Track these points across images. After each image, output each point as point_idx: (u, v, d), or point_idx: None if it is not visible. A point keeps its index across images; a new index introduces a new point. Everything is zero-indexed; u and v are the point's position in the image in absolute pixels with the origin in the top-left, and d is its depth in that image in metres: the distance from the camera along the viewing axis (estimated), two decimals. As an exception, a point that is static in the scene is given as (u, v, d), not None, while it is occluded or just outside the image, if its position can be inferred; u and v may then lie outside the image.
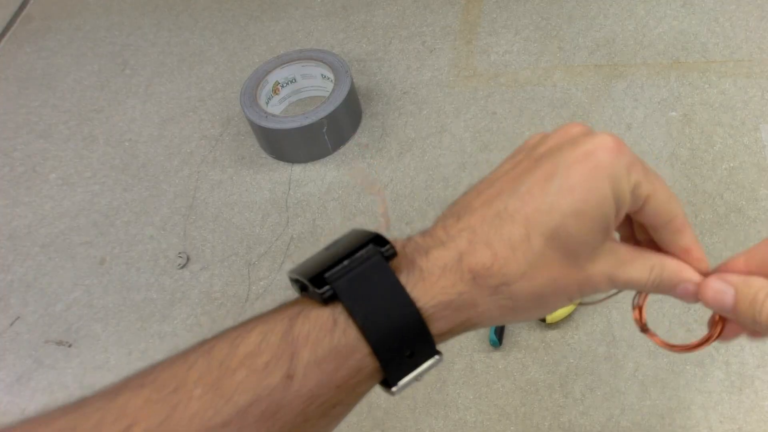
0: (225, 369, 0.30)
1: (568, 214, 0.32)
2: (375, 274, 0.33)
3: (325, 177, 0.90)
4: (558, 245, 0.33)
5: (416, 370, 0.34)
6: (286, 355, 0.31)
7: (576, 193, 0.32)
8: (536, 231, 0.32)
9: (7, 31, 1.23)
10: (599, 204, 0.32)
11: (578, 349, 0.69)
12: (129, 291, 0.83)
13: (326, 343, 0.31)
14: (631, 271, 0.35)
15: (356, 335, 0.32)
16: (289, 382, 0.30)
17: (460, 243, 0.33)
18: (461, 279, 0.33)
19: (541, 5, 1.05)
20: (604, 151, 0.33)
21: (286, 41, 1.09)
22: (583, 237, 0.33)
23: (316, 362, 0.31)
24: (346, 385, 0.32)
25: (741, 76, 0.89)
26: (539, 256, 0.33)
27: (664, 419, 0.64)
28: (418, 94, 0.97)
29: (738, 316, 0.35)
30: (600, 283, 0.35)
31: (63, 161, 0.99)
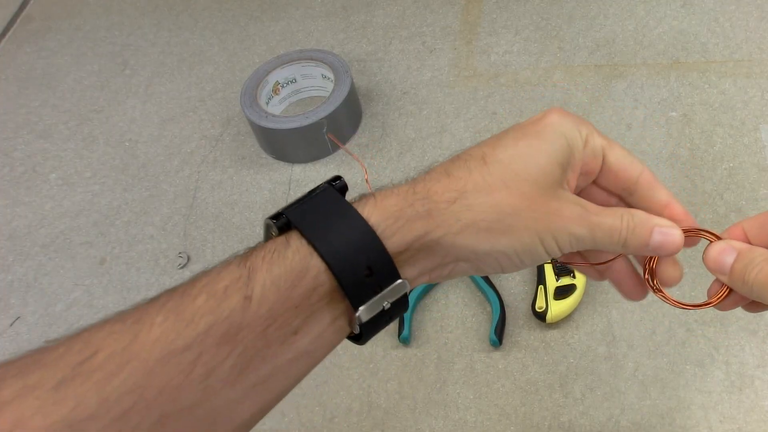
0: (185, 296, 0.31)
1: (523, 147, 0.35)
2: (326, 201, 0.35)
3: (325, 177, 0.89)
4: (515, 170, 0.34)
5: (380, 293, 0.33)
6: (243, 278, 0.32)
7: (529, 137, 0.35)
8: (493, 158, 0.35)
9: (7, 31, 1.23)
10: (552, 140, 0.35)
11: (578, 349, 0.69)
12: (129, 291, 0.83)
13: (281, 263, 0.32)
14: (602, 217, 0.36)
15: (308, 250, 0.32)
16: (247, 303, 0.31)
17: (417, 179, 0.35)
18: (413, 193, 0.34)
19: (541, 5, 1.05)
20: (552, 113, 0.36)
21: (286, 41, 1.09)
22: (540, 165, 0.35)
23: (272, 282, 0.31)
24: (305, 305, 0.32)
25: (741, 76, 0.89)
26: (497, 176, 0.34)
27: (664, 419, 0.64)
28: (418, 94, 0.97)
29: (732, 278, 0.37)
30: (571, 222, 0.35)
31: (63, 161, 0.99)
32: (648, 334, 0.69)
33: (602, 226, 0.36)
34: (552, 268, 0.72)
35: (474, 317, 0.73)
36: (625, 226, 0.36)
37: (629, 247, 0.37)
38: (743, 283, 0.36)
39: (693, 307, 0.40)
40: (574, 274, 0.71)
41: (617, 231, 0.36)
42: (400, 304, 0.35)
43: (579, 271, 0.44)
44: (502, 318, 0.70)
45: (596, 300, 0.72)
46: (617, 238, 0.36)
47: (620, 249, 0.37)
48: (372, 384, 0.70)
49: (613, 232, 0.36)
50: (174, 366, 0.30)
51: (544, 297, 0.70)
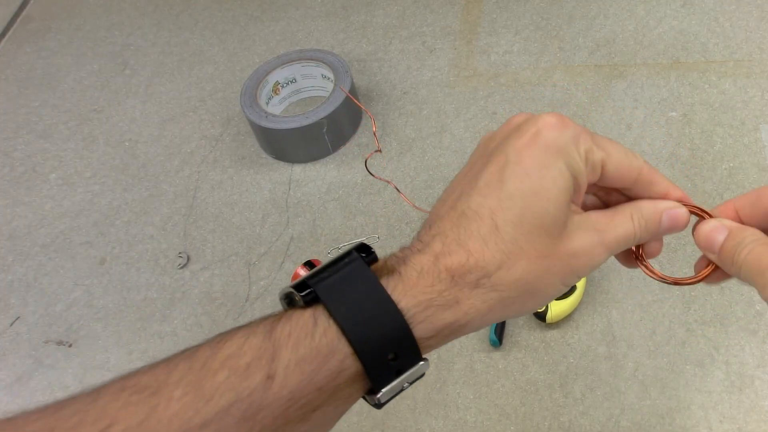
0: (206, 371, 0.30)
1: (529, 195, 0.33)
2: (355, 276, 0.33)
3: (325, 177, 0.90)
4: (527, 228, 0.33)
5: (401, 376, 0.33)
6: (267, 356, 0.31)
7: (531, 175, 0.33)
8: (503, 219, 0.33)
9: (7, 31, 1.23)
10: (555, 179, 0.33)
11: (578, 349, 0.69)
12: (129, 291, 0.83)
13: (307, 344, 0.31)
14: (615, 230, 0.36)
15: (336, 334, 0.32)
16: (270, 382, 0.30)
17: (434, 247, 0.34)
18: (439, 279, 0.33)
19: (541, 5, 1.05)
20: (547, 129, 0.34)
21: (286, 41, 1.09)
22: (550, 214, 0.33)
23: (296, 363, 0.31)
24: (328, 388, 0.32)
25: (741, 76, 0.89)
26: (512, 243, 0.33)
27: (664, 419, 0.64)
28: (418, 94, 0.97)
29: (721, 257, 0.36)
30: (591, 256, 0.35)
31: (63, 161, 0.99)
32: (648, 334, 0.69)
33: (618, 240, 0.36)
34: (552, 268, 0.72)
35: (474, 317, 0.73)
36: (637, 226, 0.36)
37: (642, 240, 0.37)
38: (732, 263, 0.35)
39: (676, 283, 0.39)
40: (574, 274, 0.71)
41: (631, 235, 0.36)
42: (417, 379, 0.35)
43: None
44: (502, 318, 0.70)
45: (596, 300, 0.72)
46: (632, 240, 0.36)
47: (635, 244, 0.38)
48: (372, 384, 0.70)
49: (628, 238, 0.36)
50: None
51: (544, 297, 0.70)
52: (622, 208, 0.37)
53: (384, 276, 0.33)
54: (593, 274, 0.73)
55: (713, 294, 0.71)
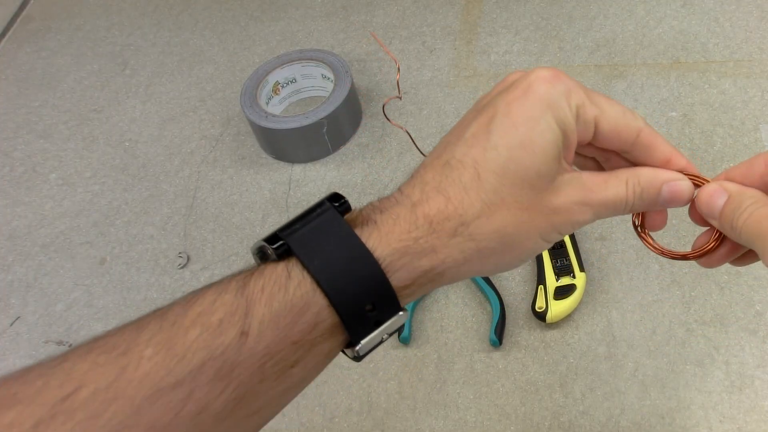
0: (178, 328, 0.29)
1: (515, 147, 0.32)
2: (328, 226, 0.32)
3: (325, 177, 0.90)
4: (511, 180, 0.33)
5: (380, 327, 0.32)
6: (240, 312, 0.30)
7: (519, 127, 0.33)
8: (486, 169, 0.33)
9: (7, 31, 1.23)
10: (543, 132, 0.33)
11: (578, 349, 0.69)
12: (129, 291, 0.83)
13: (281, 297, 0.30)
14: (605, 192, 0.35)
15: (311, 286, 0.31)
16: (244, 338, 0.29)
17: (412, 195, 0.33)
18: (416, 225, 0.32)
19: (541, 5, 1.05)
20: (539, 83, 0.33)
21: (286, 41, 1.09)
22: (535, 167, 0.33)
23: (270, 317, 0.30)
24: (304, 341, 0.31)
25: (741, 76, 0.89)
26: (493, 193, 0.32)
27: (664, 419, 0.64)
28: (418, 94, 0.97)
29: (722, 222, 0.35)
30: (573, 213, 0.34)
31: (63, 161, 1.00)
32: (648, 334, 0.69)
33: (606, 202, 0.35)
34: (552, 268, 0.72)
35: (474, 317, 0.73)
36: (631, 193, 0.35)
37: (636, 209, 0.36)
38: (732, 228, 0.34)
39: (679, 257, 0.38)
40: (574, 274, 0.71)
41: (623, 201, 0.35)
42: (396, 330, 0.34)
43: None
44: (502, 318, 0.70)
45: (596, 300, 0.72)
46: (623, 207, 0.35)
47: (628, 212, 0.36)
48: (372, 384, 0.70)
49: (618, 203, 0.35)
50: (163, 404, 0.28)
51: (544, 297, 0.70)
52: (620, 172, 0.36)
53: (358, 225, 0.33)
54: (593, 274, 0.73)
55: (713, 294, 0.71)
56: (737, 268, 0.71)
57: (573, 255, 0.73)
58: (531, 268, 0.75)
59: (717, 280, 0.71)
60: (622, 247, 0.75)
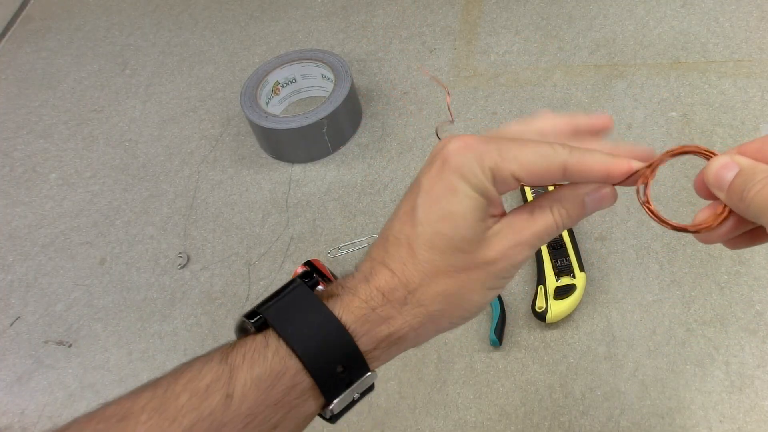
0: (169, 395, 0.33)
1: (437, 221, 0.36)
2: (300, 299, 0.36)
3: (325, 177, 0.90)
4: (440, 250, 0.36)
5: (351, 387, 0.36)
6: (225, 377, 0.33)
7: (439, 201, 0.36)
8: (417, 244, 0.36)
9: (7, 31, 1.23)
10: (461, 202, 0.35)
11: (578, 349, 0.69)
12: (129, 291, 0.83)
13: (261, 363, 0.34)
14: (534, 226, 0.37)
15: (287, 352, 0.34)
16: (229, 401, 0.33)
17: (364, 270, 0.37)
18: (371, 296, 0.36)
19: (541, 5, 1.05)
20: (452, 156, 0.36)
21: (286, 41, 1.09)
22: (459, 235, 0.36)
23: (252, 381, 0.33)
24: (284, 402, 0.34)
25: (741, 76, 0.89)
26: (427, 263, 0.36)
27: (664, 419, 0.64)
28: (418, 94, 0.97)
29: (730, 195, 0.34)
30: (511, 257, 0.37)
31: (63, 161, 0.99)
32: (648, 334, 0.69)
33: (539, 234, 0.37)
34: (552, 268, 0.72)
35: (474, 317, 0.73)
36: (558, 217, 0.37)
37: (570, 225, 0.38)
38: (740, 200, 0.33)
39: (681, 229, 0.37)
40: (574, 274, 0.71)
41: (553, 227, 0.37)
42: (367, 391, 0.38)
43: None
44: (502, 318, 0.70)
45: (596, 300, 0.72)
46: (555, 231, 0.38)
47: (561, 232, 0.39)
48: (372, 384, 0.70)
49: (549, 230, 0.37)
50: None
51: (544, 297, 0.70)
52: (542, 199, 0.38)
53: (325, 298, 0.37)
54: (593, 274, 0.73)
55: (713, 294, 0.71)
56: (737, 268, 0.72)
57: (573, 255, 0.73)
58: (531, 268, 0.75)
59: (717, 280, 0.71)
60: (622, 247, 0.75)
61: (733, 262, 0.72)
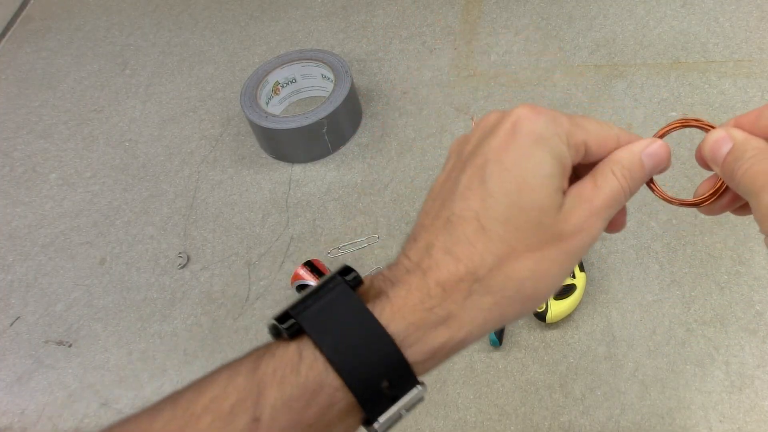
0: (190, 416, 0.29)
1: (513, 191, 0.31)
2: (340, 302, 0.31)
3: (325, 177, 0.90)
4: (515, 224, 0.31)
5: (397, 403, 0.31)
6: (252, 397, 0.29)
7: (513, 170, 0.32)
8: (488, 219, 0.31)
9: (7, 31, 1.23)
10: (538, 168, 0.32)
11: (578, 349, 0.69)
12: (129, 291, 0.83)
13: (293, 380, 0.30)
14: (603, 193, 0.33)
15: (324, 367, 0.30)
16: (256, 425, 0.29)
17: (422, 262, 0.32)
18: (430, 294, 0.31)
19: (541, 5, 1.05)
20: (523, 121, 0.32)
21: (286, 41, 1.09)
22: (538, 205, 0.31)
23: (283, 402, 0.29)
24: (320, 425, 0.30)
25: (741, 76, 0.89)
26: (501, 242, 0.31)
27: (664, 419, 0.64)
28: (418, 94, 0.97)
29: (723, 171, 0.34)
30: (588, 230, 0.33)
31: (63, 161, 0.99)
32: (648, 334, 0.69)
33: (609, 202, 0.33)
34: (552, 268, 0.72)
35: (474, 317, 0.73)
36: (622, 179, 0.34)
37: (634, 192, 0.35)
38: (731, 178, 0.33)
39: (685, 204, 0.37)
40: (574, 274, 0.71)
41: (620, 192, 0.34)
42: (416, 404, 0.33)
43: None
44: (502, 318, 0.70)
45: (596, 300, 0.72)
46: (624, 196, 0.34)
47: (629, 198, 0.35)
48: (372, 384, 0.70)
49: (618, 197, 0.34)
50: None
51: (544, 297, 0.70)
52: (600, 168, 0.34)
53: (371, 299, 0.32)
54: (593, 274, 0.73)
55: (713, 294, 0.71)
56: (737, 268, 0.72)
57: (573, 255, 0.73)
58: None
59: (717, 280, 0.71)
60: (622, 247, 0.75)
61: (733, 262, 0.72)
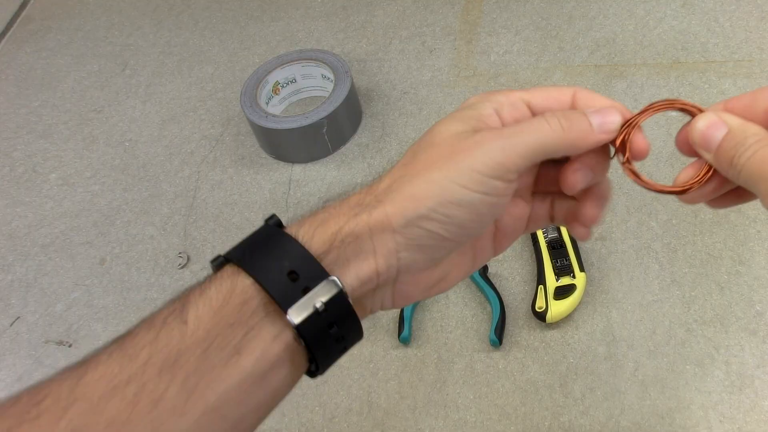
0: (128, 334, 0.32)
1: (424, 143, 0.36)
2: (257, 233, 0.35)
3: (325, 177, 0.90)
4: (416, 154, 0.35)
5: (308, 294, 0.32)
6: (179, 308, 0.32)
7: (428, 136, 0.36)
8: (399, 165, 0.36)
9: (7, 31, 1.23)
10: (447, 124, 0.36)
11: (578, 349, 0.69)
12: (129, 291, 0.83)
13: (212, 287, 0.33)
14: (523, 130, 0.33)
15: (236, 271, 0.33)
16: (184, 327, 0.31)
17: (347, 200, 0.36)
18: (332, 206, 0.36)
19: (541, 5, 1.05)
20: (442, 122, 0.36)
21: (286, 41, 1.09)
22: (437, 138, 0.35)
23: (204, 304, 0.32)
24: (240, 323, 0.32)
25: (741, 76, 0.89)
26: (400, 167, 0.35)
27: (664, 419, 0.64)
28: (418, 94, 0.97)
29: (718, 158, 0.32)
30: (489, 148, 0.33)
31: (63, 161, 1.00)
32: (648, 334, 0.69)
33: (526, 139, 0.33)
34: (552, 268, 0.72)
35: (474, 317, 0.73)
36: (554, 125, 0.33)
37: (578, 142, 0.33)
38: (730, 165, 0.31)
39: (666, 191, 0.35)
40: (574, 274, 0.71)
41: (545, 134, 0.33)
42: (342, 316, 0.33)
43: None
44: (502, 318, 0.70)
45: (596, 300, 0.72)
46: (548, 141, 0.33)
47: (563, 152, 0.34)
48: (372, 384, 0.70)
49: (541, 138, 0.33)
50: (119, 400, 0.29)
51: (544, 297, 0.70)
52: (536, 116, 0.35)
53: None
54: (593, 274, 0.73)
55: (713, 294, 0.71)
56: (737, 268, 0.71)
57: (573, 255, 0.73)
58: (531, 268, 0.75)
59: (717, 280, 0.71)
60: (622, 247, 0.75)
61: (733, 262, 0.72)
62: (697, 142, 0.33)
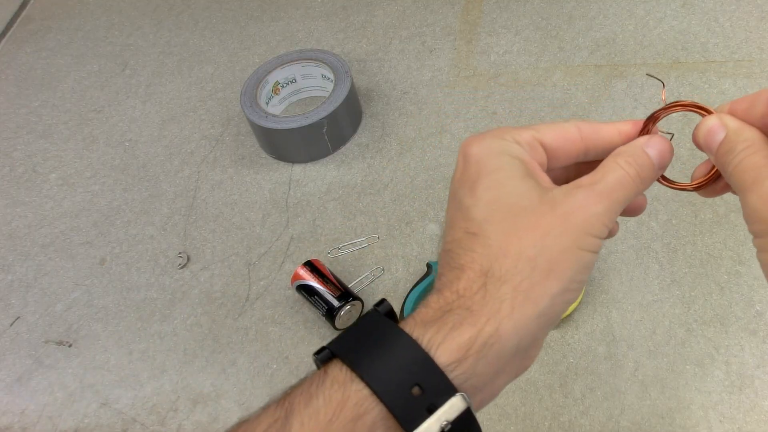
0: None
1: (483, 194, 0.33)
2: (367, 325, 0.31)
3: (325, 177, 0.90)
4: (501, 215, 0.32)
5: (435, 413, 0.29)
6: (281, 419, 0.29)
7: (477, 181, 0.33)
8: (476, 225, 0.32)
9: (7, 31, 1.23)
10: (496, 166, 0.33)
11: (578, 349, 0.69)
12: (129, 291, 0.83)
13: (319, 394, 0.29)
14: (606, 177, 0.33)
15: (349, 377, 0.29)
16: None
17: (439, 290, 0.32)
18: (447, 302, 0.31)
19: (541, 5, 1.05)
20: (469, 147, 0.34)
21: (286, 41, 1.09)
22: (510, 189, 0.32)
23: (309, 416, 0.29)
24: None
25: (741, 76, 0.89)
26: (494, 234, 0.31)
27: (664, 419, 0.64)
28: (418, 94, 0.97)
29: (717, 161, 0.34)
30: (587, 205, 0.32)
31: (63, 161, 0.99)
32: (648, 334, 0.69)
33: (613, 186, 0.33)
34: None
35: (474, 317, 0.73)
36: (629, 168, 0.33)
37: (646, 184, 0.34)
38: (724, 171, 0.33)
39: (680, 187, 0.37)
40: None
41: (627, 178, 0.33)
42: (466, 426, 0.30)
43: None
44: (502, 318, 0.70)
45: (596, 300, 0.72)
46: (631, 184, 0.33)
47: (639, 191, 0.34)
48: (372, 384, 0.70)
49: (624, 183, 0.33)
50: None
51: (544, 297, 0.70)
52: (603, 162, 0.34)
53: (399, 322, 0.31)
54: (593, 274, 0.73)
55: (713, 294, 0.71)
56: (737, 268, 0.72)
57: (573, 255, 0.73)
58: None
59: (717, 280, 0.71)
60: (622, 247, 0.75)
61: (733, 262, 0.72)
62: (701, 145, 0.35)
